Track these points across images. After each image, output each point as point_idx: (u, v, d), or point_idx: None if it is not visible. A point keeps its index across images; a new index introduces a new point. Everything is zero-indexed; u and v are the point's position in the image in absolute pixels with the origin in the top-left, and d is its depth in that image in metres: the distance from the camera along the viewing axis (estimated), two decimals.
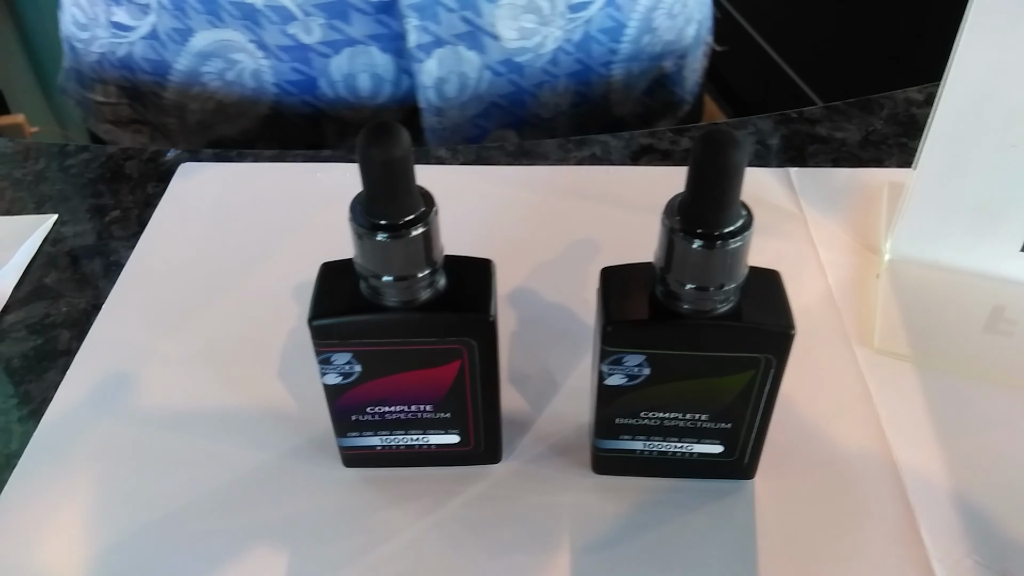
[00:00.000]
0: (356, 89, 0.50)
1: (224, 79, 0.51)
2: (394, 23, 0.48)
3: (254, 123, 0.53)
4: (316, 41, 0.48)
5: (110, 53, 0.54)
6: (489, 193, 0.44)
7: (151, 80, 0.53)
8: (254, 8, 0.47)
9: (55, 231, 0.41)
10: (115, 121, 0.57)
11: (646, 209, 0.43)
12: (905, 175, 0.44)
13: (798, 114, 0.48)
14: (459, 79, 0.50)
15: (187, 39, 0.50)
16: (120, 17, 0.52)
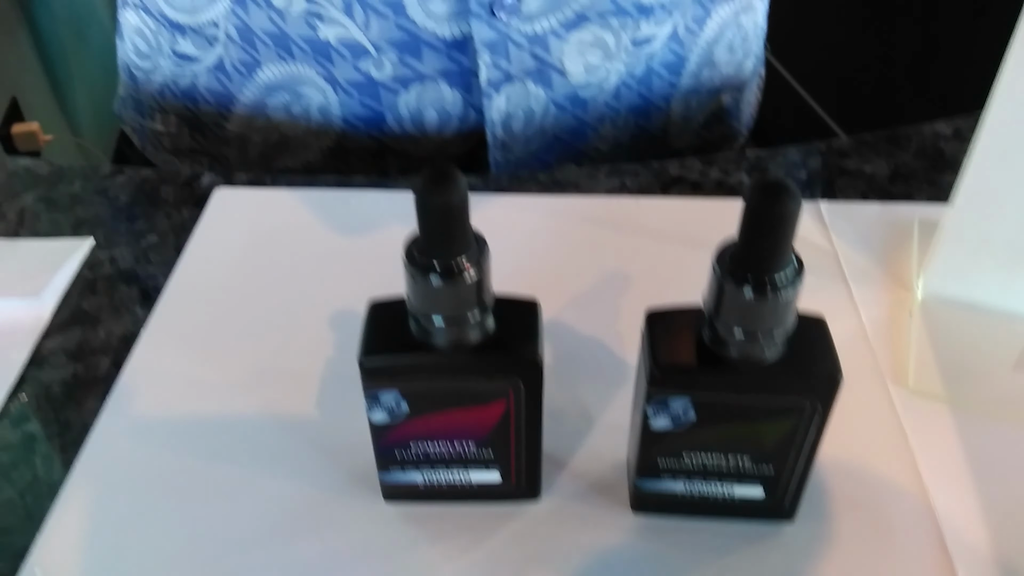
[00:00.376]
0: (423, 123, 0.51)
1: (290, 112, 0.51)
2: (465, 59, 0.48)
3: (317, 156, 0.53)
4: (387, 77, 0.49)
5: (172, 83, 0.54)
6: (521, 222, 0.44)
7: (214, 111, 0.53)
8: (327, 44, 0.48)
9: (92, 255, 0.42)
10: (174, 151, 0.57)
11: (677, 241, 0.43)
12: (935, 211, 0.44)
13: (826, 146, 0.49)
14: (525, 114, 0.50)
15: (254, 72, 0.50)
16: (185, 48, 0.52)
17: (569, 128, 0.53)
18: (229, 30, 0.50)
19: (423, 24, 0.47)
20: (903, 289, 0.40)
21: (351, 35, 0.47)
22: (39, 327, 0.38)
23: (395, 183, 0.46)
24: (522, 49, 0.48)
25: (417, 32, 0.47)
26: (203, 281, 0.41)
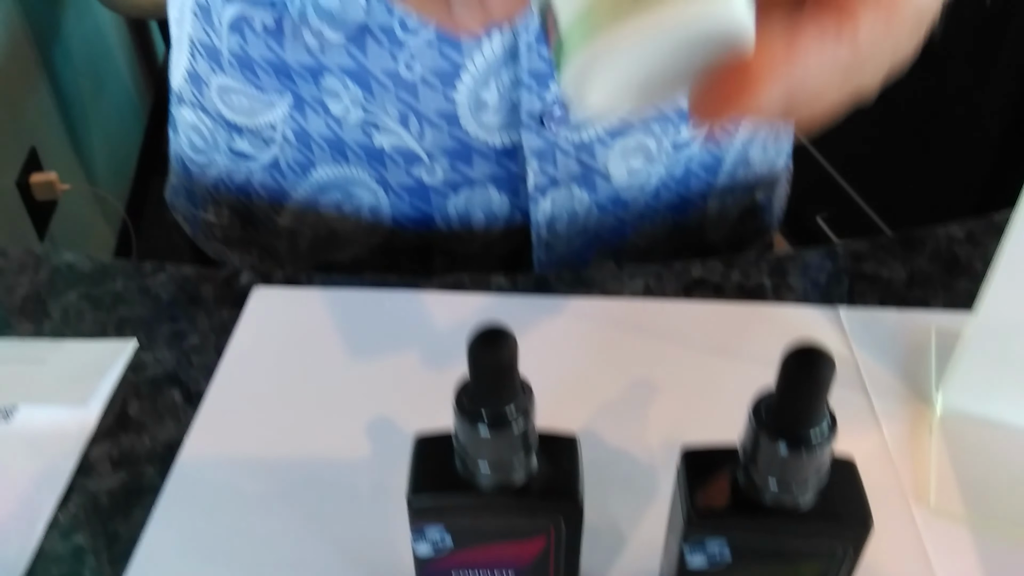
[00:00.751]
0: (470, 224, 0.53)
1: (341, 210, 0.53)
2: (514, 166, 0.50)
3: (365, 251, 0.55)
4: (438, 182, 0.51)
5: (227, 177, 0.56)
6: (547, 324, 0.46)
7: (266, 205, 0.55)
8: (381, 151, 0.50)
9: (136, 357, 0.43)
10: (224, 240, 0.59)
11: (701, 347, 0.44)
12: (951, 320, 0.45)
13: (844, 248, 0.50)
14: (569, 216, 0.52)
15: (308, 172, 0.52)
16: (242, 146, 0.54)
17: (610, 227, 0.55)
18: (286, 133, 0.52)
19: (475, 134, 0.48)
20: (923, 402, 0.41)
21: (405, 144, 0.49)
22: (86, 433, 0.39)
23: (427, 283, 0.48)
24: (569, 156, 0.50)
25: (469, 141, 0.49)
26: (243, 386, 0.42)
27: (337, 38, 0.46)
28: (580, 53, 0.18)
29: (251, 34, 0.48)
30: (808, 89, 0.20)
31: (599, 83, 0.18)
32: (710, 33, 0.18)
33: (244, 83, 0.51)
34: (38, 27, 1.71)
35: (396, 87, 0.47)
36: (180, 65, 0.56)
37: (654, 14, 0.17)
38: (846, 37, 0.20)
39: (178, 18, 0.54)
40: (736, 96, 0.18)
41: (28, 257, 0.49)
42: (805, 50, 0.19)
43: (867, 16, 0.20)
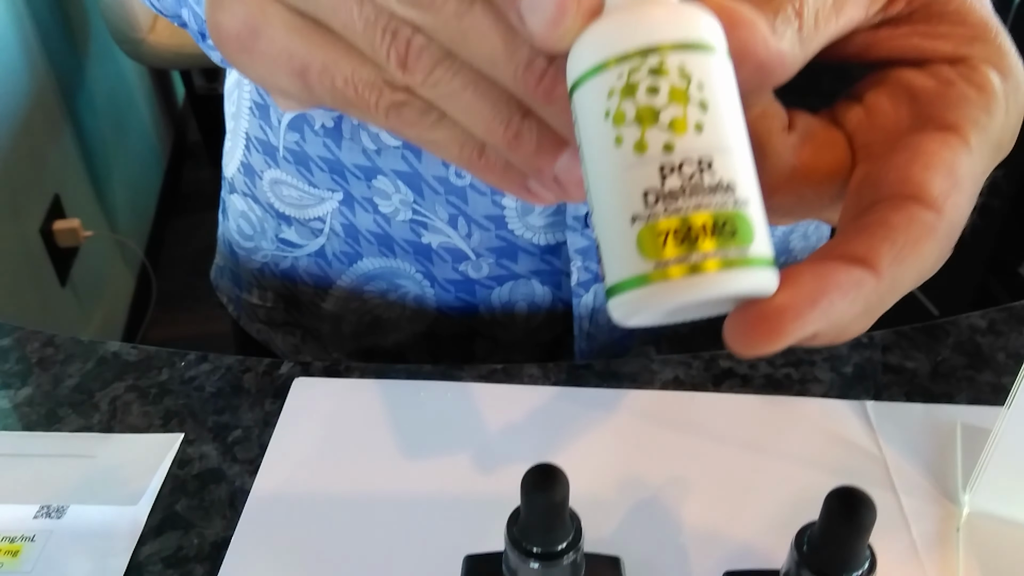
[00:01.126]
0: (513, 313, 0.54)
1: (386, 299, 0.55)
2: (558, 262, 0.51)
3: (408, 337, 0.56)
4: (483, 276, 0.52)
5: (273, 263, 0.57)
6: (579, 416, 0.47)
7: (311, 291, 0.57)
8: (428, 247, 0.51)
9: (182, 451, 0.44)
10: (268, 322, 0.60)
11: (731, 443, 0.45)
12: (976, 414, 0.46)
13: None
14: None
15: (354, 262, 0.54)
16: (289, 235, 0.55)
17: None
18: (334, 226, 0.53)
19: (521, 234, 0.50)
20: (950, 501, 0.42)
21: (453, 243, 0.51)
22: (136, 532, 0.40)
23: (463, 374, 0.49)
24: None
25: (515, 241, 0.50)
26: (286, 482, 0.43)
27: (394, 142, 0.48)
28: (624, 301, 0.21)
29: (310, 133, 0.50)
30: (831, 328, 0.21)
31: (639, 316, 0.21)
32: (741, 295, 0.20)
33: (297, 178, 0.53)
34: (63, 76, 1.75)
35: (446, 192, 0.49)
36: (235, 157, 0.58)
37: (680, 290, 0.20)
38: (867, 287, 0.21)
39: (234, 112, 0.56)
40: (763, 340, 0.20)
41: (75, 346, 0.51)
42: (830, 302, 0.20)
43: (889, 263, 0.21)
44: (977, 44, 0.25)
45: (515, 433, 0.46)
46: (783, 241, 0.57)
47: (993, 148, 0.24)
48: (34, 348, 0.51)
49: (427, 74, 0.23)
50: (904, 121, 0.24)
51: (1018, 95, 0.25)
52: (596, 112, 0.21)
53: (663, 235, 0.20)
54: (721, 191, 0.20)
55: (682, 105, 0.20)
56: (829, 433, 0.46)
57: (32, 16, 1.64)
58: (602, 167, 0.21)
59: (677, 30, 0.21)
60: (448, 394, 0.48)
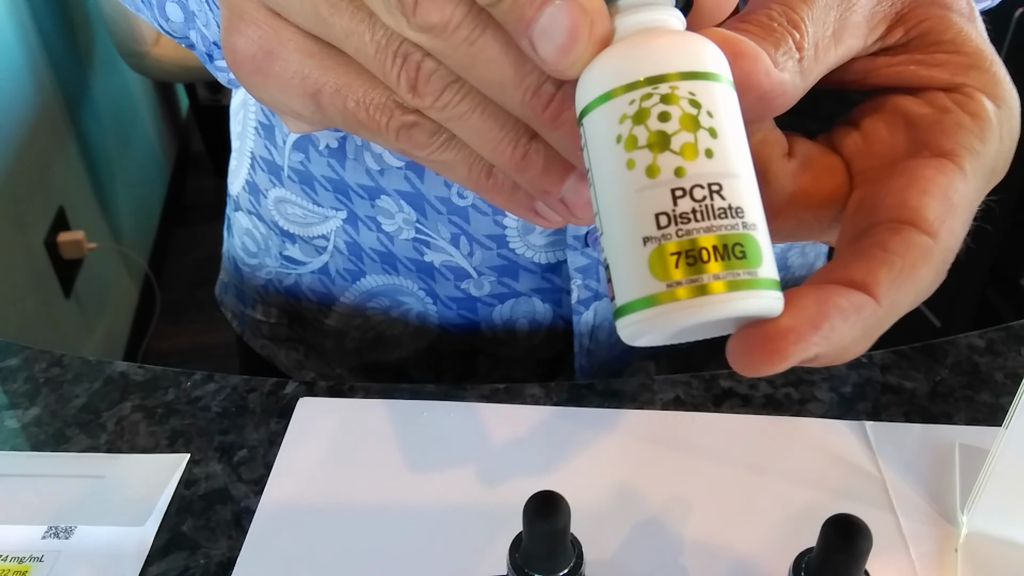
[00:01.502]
0: (514, 331, 0.55)
1: (388, 315, 0.55)
2: (558, 280, 0.52)
3: (411, 353, 0.57)
4: (484, 294, 0.53)
5: (277, 280, 0.58)
6: (580, 437, 0.47)
7: (315, 307, 0.57)
8: (431, 265, 0.52)
9: (188, 471, 0.45)
10: (272, 338, 0.61)
11: (731, 463, 0.46)
12: (974, 435, 0.47)
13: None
14: (610, 325, 0.54)
15: (358, 279, 0.54)
16: (293, 253, 0.56)
17: None
18: (338, 244, 0.54)
19: (522, 253, 0.51)
20: (948, 521, 0.43)
21: (455, 261, 0.51)
22: (143, 552, 0.41)
23: (465, 394, 0.49)
24: None
25: (516, 259, 0.51)
26: (290, 502, 0.44)
27: (397, 163, 0.49)
28: (634, 321, 0.21)
29: (314, 153, 0.51)
30: (831, 351, 0.22)
31: (648, 336, 0.22)
32: (748, 316, 0.21)
33: (302, 197, 0.53)
34: (68, 88, 1.76)
35: (449, 211, 0.50)
36: (240, 175, 0.58)
37: (691, 311, 0.20)
38: (867, 312, 0.22)
39: (240, 132, 0.57)
40: (766, 361, 0.21)
41: (83, 366, 0.51)
42: (831, 326, 0.21)
43: (887, 288, 0.22)
44: (972, 72, 0.25)
45: (518, 453, 0.46)
46: (781, 258, 0.58)
47: (987, 174, 0.25)
48: (42, 368, 0.51)
49: (436, 97, 0.23)
50: (900, 147, 0.25)
51: (1011, 122, 0.26)
52: (608, 137, 0.21)
53: (674, 257, 0.20)
54: (731, 215, 0.20)
55: (692, 131, 0.21)
56: (829, 453, 0.46)
57: (37, 29, 1.65)
58: (614, 190, 0.21)
59: (686, 60, 0.21)
60: (451, 414, 0.49)
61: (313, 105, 0.25)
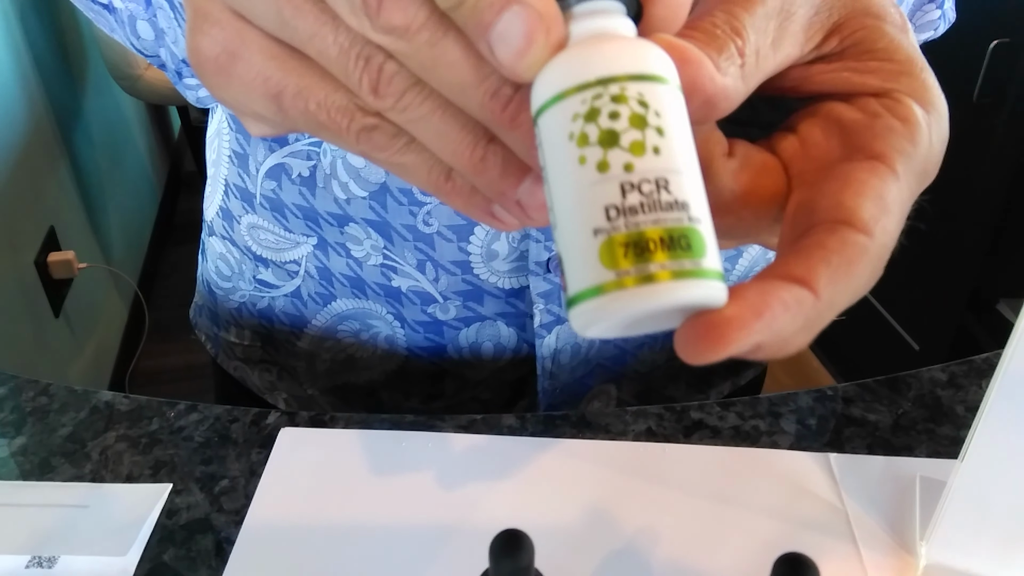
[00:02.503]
0: (480, 354, 0.56)
1: (358, 338, 0.57)
2: (522, 305, 0.54)
3: (380, 376, 0.59)
4: (450, 318, 0.54)
5: (250, 303, 0.60)
6: (553, 468, 0.49)
7: (287, 330, 0.59)
8: (399, 290, 0.54)
9: (170, 500, 0.46)
10: (245, 360, 0.62)
11: (700, 494, 0.47)
12: (935, 468, 0.48)
13: (832, 392, 0.53)
14: (572, 349, 0.56)
15: (328, 303, 0.56)
16: (266, 276, 0.58)
17: (611, 355, 0.58)
18: (309, 268, 0.55)
19: (486, 279, 0.52)
20: (908, 553, 0.44)
21: (421, 286, 0.53)
22: None
23: (444, 424, 0.51)
24: None
25: (480, 285, 0.53)
26: (270, 532, 0.45)
27: (361, 193, 0.50)
28: (584, 311, 0.22)
29: (286, 181, 0.52)
30: (773, 343, 0.23)
31: (599, 326, 0.23)
32: (693, 304, 0.22)
33: (274, 223, 0.55)
34: (61, 110, 1.78)
35: (415, 239, 0.51)
36: (214, 201, 0.60)
37: (639, 299, 0.21)
38: (807, 304, 0.23)
39: (215, 160, 0.59)
40: (710, 347, 0.22)
41: (69, 395, 0.52)
42: (772, 315, 0.22)
43: (826, 283, 0.23)
44: (903, 79, 0.27)
45: (494, 483, 0.48)
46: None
47: (918, 175, 0.26)
48: (29, 397, 0.52)
49: (398, 99, 0.24)
50: (835, 151, 0.26)
51: (940, 125, 0.27)
52: (561, 134, 0.22)
53: (623, 247, 0.21)
54: (677, 208, 0.22)
55: (641, 130, 0.22)
56: (794, 485, 0.48)
57: (30, 50, 1.67)
58: (566, 185, 0.22)
59: (635, 63, 0.23)
60: (429, 444, 0.50)
61: (275, 107, 0.26)
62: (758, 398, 0.53)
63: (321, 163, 0.51)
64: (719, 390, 0.65)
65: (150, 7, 0.38)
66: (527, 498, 0.47)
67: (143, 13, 0.39)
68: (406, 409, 0.61)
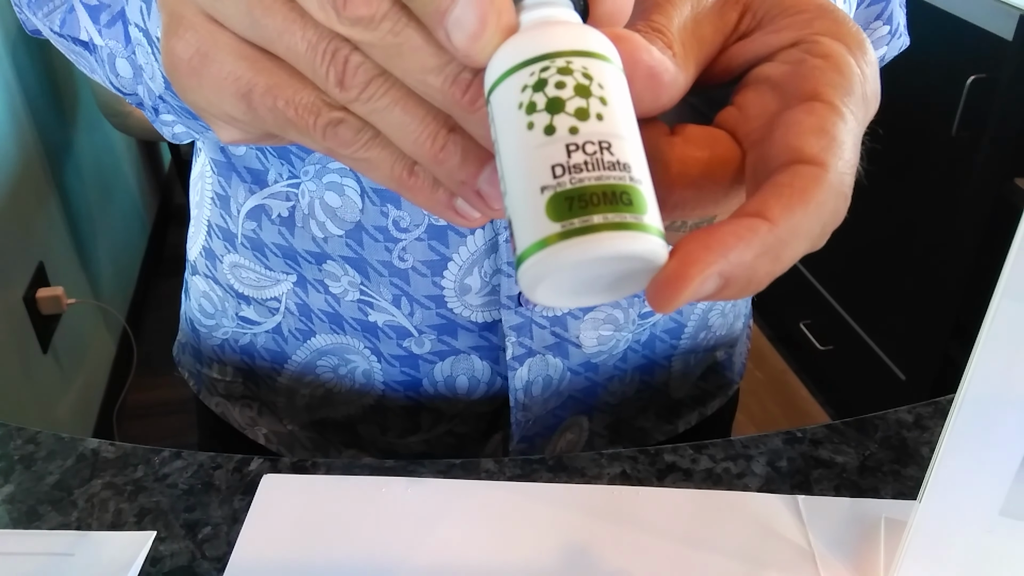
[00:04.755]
0: (454, 388, 0.58)
1: (336, 373, 0.59)
2: (495, 338, 0.56)
3: (358, 410, 0.60)
4: (425, 352, 0.56)
5: (232, 340, 0.61)
6: (530, 511, 0.50)
7: (268, 366, 0.60)
8: (375, 325, 0.55)
9: (154, 549, 0.47)
10: (227, 396, 0.64)
11: (672, 538, 0.49)
12: (900, 509, 0.50)
13: (802, 434, 0.55)
14: (544, 381, 0.58)
15: (308, 338, 0.58)
16: (248, 314, 0.59)
17: (582, 388, 0.60)
18: (289, 305, 0.57)
19: (460, 312, 0.54)
20: None
21: (397, 321, 0.55)
22: None
23: (423, 469, 0.52)
24: (544, 329, 0.55)
25: (454, 319, 0.54)
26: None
27: (338, 231, 0.52)
28: (530, 265, 0.24)
29: (266, 222, 0.54)
30: (736, 274, 0.24)
31: (545, 283, 0.24)
32: (632, 260, 0.23)
33: (255, 262, 0.57)
34: (51, 145, 1.79)
35: (390, 274, 0.53)
36: (197, 241, 0.62)
37: (583, 248, 0.23)
38: (762, 231, 0.24)
39: (198, 201, 0.61)
40: (673, 290, 0.23)
41: (56, 443, 0.53)
42: (726, 246, 0.23)
43: (780, 211, 0.24)
44: (816, 23, 0.28)
45: (472, 528, 0.49)
46: (702, 319, 0.62)
47: (858, 101, 0.27)
48: (17, 445, 0.54)
49: (362, 89, 0.26)
50: (771, 105, 0.27)
51: (866, 54, 0.28)
52: (511, 105, 0.24)
53: (568, 200, 0.23)
54: (619, 168, 0.23)
55: (585, 98, 0.24)
56: (763, 527, 0.49)
57: (21, 86, 1.69)
58: (516, 150, 0.24)
59: (580, 41, 0.25)
60: (409, 490, 0.51)
61: (244, 105, 0.27)
62: (731, 440, 0.54)
63: (299, 204, 0.52)
64: (687, 420, 0.67)
65: (129, 44, 0.39)
66: (505, 542, 0.49)
67: (122, 51, 0.40)
68: (383, 443, 0.62)
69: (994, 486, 0.40)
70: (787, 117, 0.26)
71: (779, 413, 1.99)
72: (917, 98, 1.54)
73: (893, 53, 0.54)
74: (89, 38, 0.41)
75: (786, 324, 2.08)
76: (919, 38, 0.60)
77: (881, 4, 0.52)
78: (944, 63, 1.48)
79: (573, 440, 0.63)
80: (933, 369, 1.59)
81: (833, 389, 1.99)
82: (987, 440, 0.40)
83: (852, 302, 1.83)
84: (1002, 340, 0.38)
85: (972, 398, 0.40)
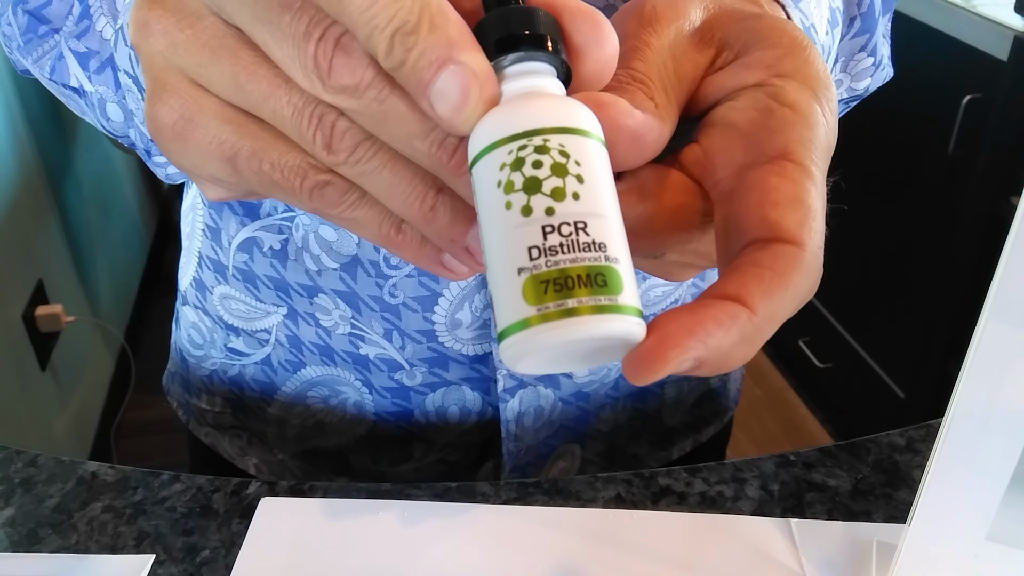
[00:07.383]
0: (446, 417, 0.58)
1: (327, 404, 0.59)
2: (486, 370, 0.56)
3: (349, 440, 0.60)
4: (417, 383, 0.56)
5: (221, 371, 0.61)
6: (527, 535, 0.50)
7: (258, 397, 0.61)
8: (366, 358, 0.56)
9: (152, 572, 0.47)
10: (216, 426, 0.64)
11: (667, 561, 0.49)
12: (891, 532, 0.50)
13: (796, 456, 0.55)
14: (535, 411, 0.58)
15: (298, 370, 0.58)
16: (237, 345, 0.60)
17: (574, 417, 0.60)
18: (279, 337, 0.58)
19: (451, 346, 0.55)
20: None
21: (389, 354, 0.55)
22: None
23: (420, 493, 0.52)
24: None
25: (445, 352, 0.55)
26: None
27: (332, 265, 0.53)
28: (510, 344, 0.24)
29: (258, 254, 0.55)
30: (712, 358, 0.24)
31: (527, 359, 0.25)
32: (611, 336, 0.24)
33: (245, 294, 0.57)
34: (51, 163, 1.80)
35: (381, 309, 0.54)
36: (188, 272, 0.62)
37: (560, 332, 0.23)
38: (741, 319, 0.24)
39: (189, 233, 0.61)
40: (649, 366, 0.23)
41: (57, 466, 0.54)
42: (706, 332, 0.23)
43: (760, 297, 0.24)
44: (785, 61, 0.28)
45: (469, 551, 0.49)
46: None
47: (824, 154, 0.27)
48: (18, 468, 0.54)
49: (350, 153, 0.26)
50: (738, 155, 0.27)
51: (830, 101, 0.28)
52: (490, 182, 0.25)
53: (544, 284, 0.23)
54: (594, 248, 0.24)
55: (562, 177, 0.24)
56: (757, 551, 0.49)
57: (21, 103, 1.70)
58: (494, 228, 0.25)
59: (559, 118, 0.25)
60: (406, 513, 0.52)
61: (230, 168, 0.27)
62: (724, 464, 0.55)
63: (293, 236, 0.53)
64: (681, 447, 0.67)
65: (119, 90, 0.40)
66: (501, 565, 0.49)
67: (112, 96, 0.40)
68: (374, 472, 0.62)
69: (981, 511, 0.41)
70: (760, 179, 0.26)
71: (778, 431, 2.00)
72: (914, 117, 1.55)
73: (876, 85, 0.55)
74: (79, 84, 0.41)
75: (785, 341, 2.08)
76: (916, 59, 0.61)
77: (865, 36, 0.52)
78: (940, 83, 1.50)
79: (566, 467, 0.63)
80: (932, 387, 1.59)
81: (832, 407, 2.00)
82: (974, 465, 0.41)
83: (851, 320, 1.84)
84: (989, 363, 0.39)
85: (959, 423, 0.40)
